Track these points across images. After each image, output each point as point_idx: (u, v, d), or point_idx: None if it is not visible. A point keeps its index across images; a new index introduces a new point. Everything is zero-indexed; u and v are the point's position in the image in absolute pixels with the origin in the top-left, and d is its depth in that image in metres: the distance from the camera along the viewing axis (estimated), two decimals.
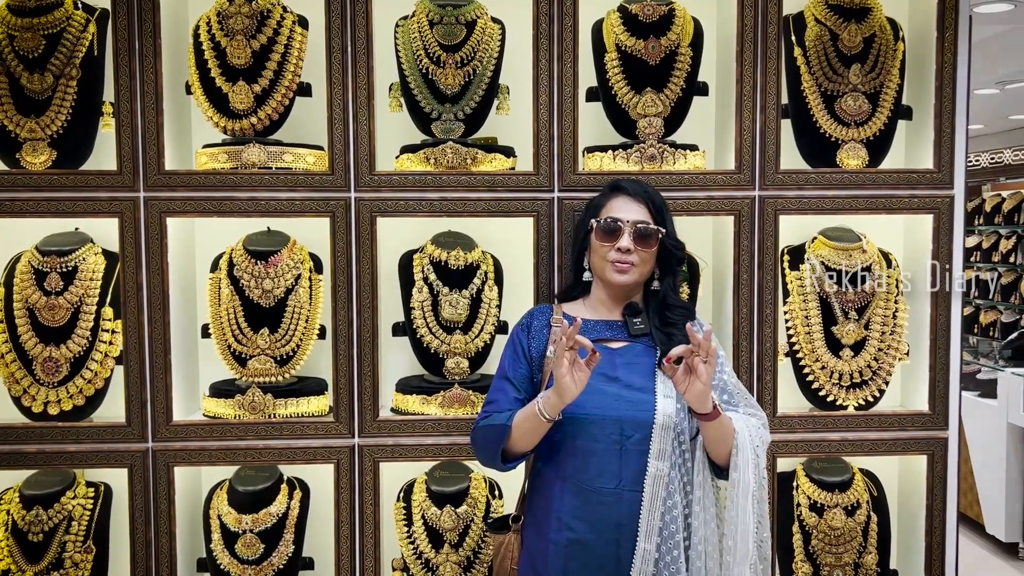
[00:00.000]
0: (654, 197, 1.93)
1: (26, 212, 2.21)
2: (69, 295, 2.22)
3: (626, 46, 2.25)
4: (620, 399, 1.79)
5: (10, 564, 2.21)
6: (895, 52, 2.33)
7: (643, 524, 1.75)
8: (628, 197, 1.92)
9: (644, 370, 1.84)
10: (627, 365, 1.84)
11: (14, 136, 2.22)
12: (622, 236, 1.86)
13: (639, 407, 1.78)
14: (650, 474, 1.75)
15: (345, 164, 2.24)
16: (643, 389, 1.81)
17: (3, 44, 2.20)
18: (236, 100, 2.22)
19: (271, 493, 2.28)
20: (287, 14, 2.26)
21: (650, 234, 1.88)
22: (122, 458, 2.24)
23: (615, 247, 1.87)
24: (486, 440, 1.84)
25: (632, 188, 1.94)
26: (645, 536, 1.74)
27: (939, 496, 2.36)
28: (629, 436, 1.77)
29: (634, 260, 1.86)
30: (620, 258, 1.86)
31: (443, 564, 2.24)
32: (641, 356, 1.86)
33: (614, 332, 1.90)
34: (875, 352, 2.33)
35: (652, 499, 1.75)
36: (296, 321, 2.27)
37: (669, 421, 1.77)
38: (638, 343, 1.88)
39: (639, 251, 1.87)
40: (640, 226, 1.87)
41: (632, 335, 1.88)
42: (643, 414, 1.78)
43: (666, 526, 1.76)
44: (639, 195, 1.92)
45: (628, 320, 1.90)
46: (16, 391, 2.24)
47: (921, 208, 2.32)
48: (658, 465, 1.75)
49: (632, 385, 1.82)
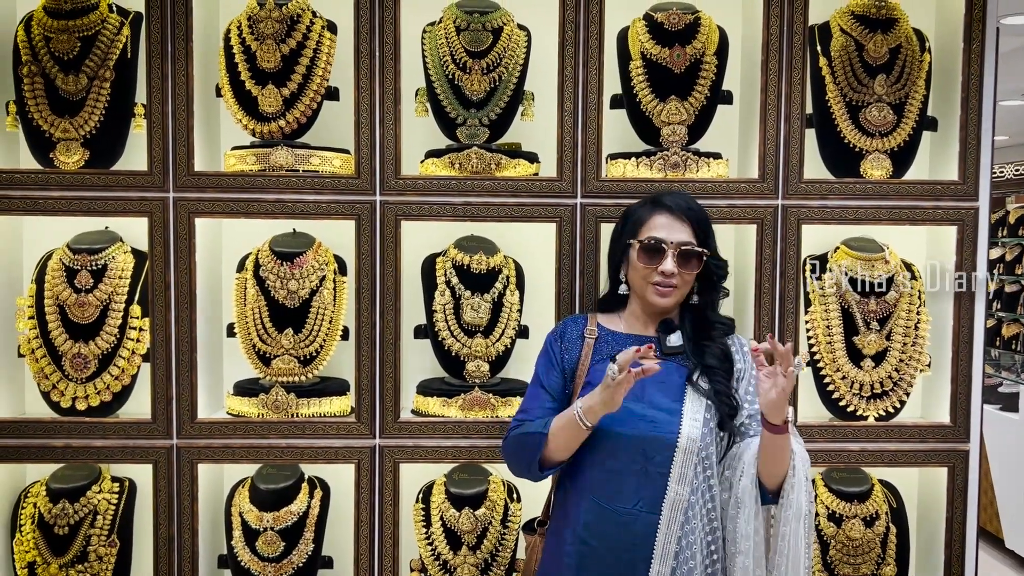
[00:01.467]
0: (699, 214, 1.86)
1: (59, 211, 2.25)
2: (99, 293, 2.26)
3: (651, 54, 2.27)
4: (645, 419, 1.76)
5: (36, 556, 2.25)
6: (921, 63, 2.32)
7: (658, 548, 1.72)
8: (671, 215, 1.85)
9: (673, 390, 1.79)
10: (657, 384, 1.78)
11: (48, 136, 2.26)
12: (665, 259, 1.80)
13: (663, 428, 1.74)
14: (669, 498, 1.72)
15: (371, 168, 2.26)
16: (670, 411, 1.77)
17: (39, 45, 2.24)
18: (265, 103, 2.26)
19: (292, 492, 2.31)
20: (316, 19, 2.29)
21: (693, 256, 1.82)
22: (147, 454, 2.28)
23: (657, 270, 1.81)
24: (521, 448, 1.82)
25: (676, 204, 1.86)
26: (660, 559, 1.71)
27: (959, 509, 2.35)
28: (651, 458, 1.74)
29: (676, 282, 1.81)
30: (663, 281, 1.81)
31: (461, 566, 2.25)
32: (672, 375, 1.81)
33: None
34: (896, 363, 2.32)
35: (669, 523, 1.72)
36: (320, 322, 2.30)
37: (693, 445, 1.73)
38: (671, 361, 1.83)
39: (682, 273, 1.81)
40: (684, 248, 1.81)
41: (665, 353, 1.83)
42: (667, 436, 1.74)
43: (682, 551, 1.72)
44: (683, 213, 1.85)
45: (661, 338, 1.85)
46: (45, 386, 2.28)
47: (945, 220, 2.32)
48: (678, 489, 1.72)
49: (659, 406, 1.77)
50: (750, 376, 1.83)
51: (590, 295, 2.28)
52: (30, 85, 2.25)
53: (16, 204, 2.25)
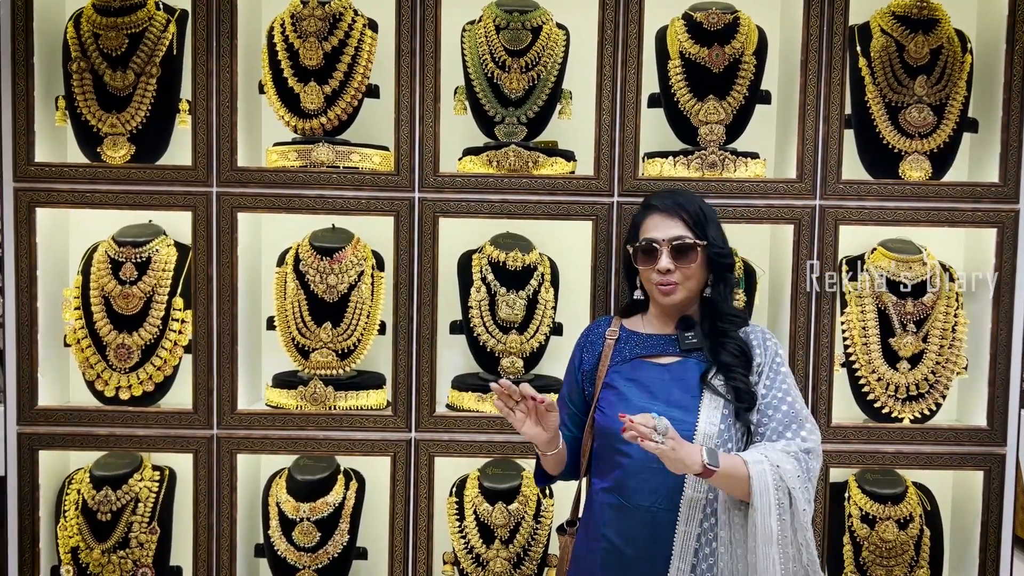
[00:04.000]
0: (687, 207, 1.85)
1: (105, 204, 2.30)
2: (143, 284, 2.31)
3: (690, 53, 2.27)
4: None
5: (80, 541, 2.31)
6: (962, 64, 2.31)
7: (677, 544, 1.73)
8: (661, 214, 1.85)
9: (691, 387, 1.79)
10: (674, 381, 1.80)
11: (96, 131, 2.31)
12: (660, 257, 1.82)
13: (680, 426, 1.71)
14: (686, 495, 1.72)
15: (410, 165, 2.29)
16: (686, 408, 1.77)
17: (88, 42, 2.29)
18: (307, 100, 2.29)
19: (328, 483, 2.35)
20: (358, 17, 2.32)
21: (687, 248, 1.82)
22: (188, 444, 2.32)
23: (655, 269, 1.83)
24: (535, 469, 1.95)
25: (663, 204, 1.86)
26: (679, 556, 1.72)
27: (995, 513, 2.33)
28: None
29: (676, 279, 1.82)
30: (662, 280, 1.82)
31: (493, 559, 2.27)
32: (690, 372, 1.81)
33: (666, 347, 1.86)
34: (933, 365, 2.31)
35: (688, 520, 1.73)
36: (358, 316, 2.33)
37: (710, 442, 1.72)
38: (690, 358, 1.83)
39: (680, 269, 1.81)
40: (676, 243, 1.82)
41: (683, 350, 1.84)
42: (683, 433, 1.70)
43: (701, 548, 1.73)
44: (671, 210, 1.84)
45: (680, 335, 1.86)
46: (90, 375, 2.33)
47: (985, 222, 2.30)
48: (695, 486, 1.72)
49: (676, 403, 1.77)
50: (768, 370, 1.80)
51: (625, 293, 2.29)
52: (79, 81, 2.30)
53: (64, 197, 2.30)
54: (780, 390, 1.78)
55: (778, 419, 1.74)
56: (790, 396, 1.77)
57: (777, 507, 1.65)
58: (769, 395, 1.77)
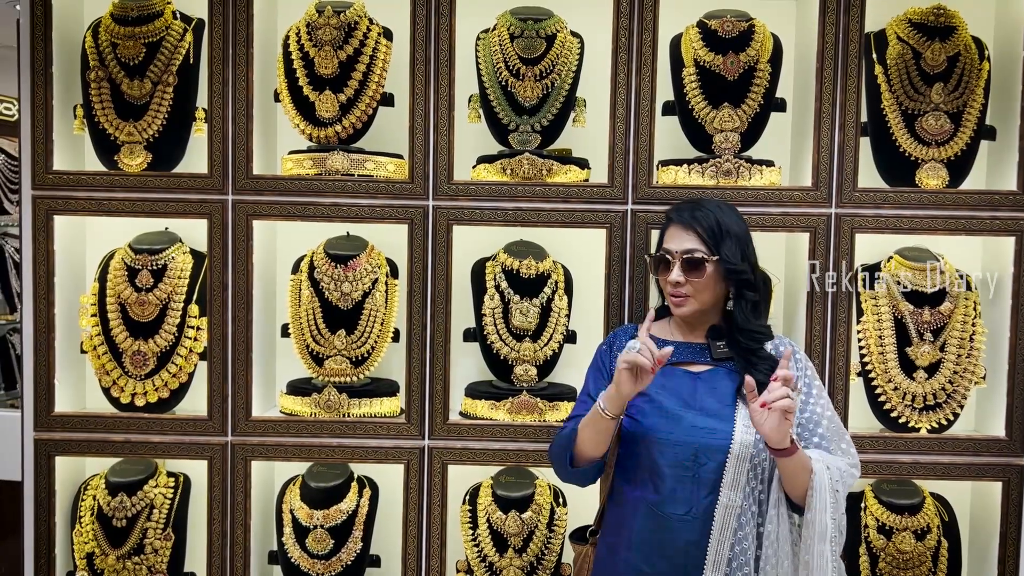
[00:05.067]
0: (702, 221, 1.82)
1: (122, 211, 2.32)
2: (158, 292, 2.32)
3: (705, 61, 2.27)
4: (696, 426, 1.76)
5: (95, 547, 2.32)
6: (980, 71, 2.29)
7: (711, 554, 1.72)
8: (679, 226, 1.85)
9: (725, 396, 1.79)
10: (708, 390, 1.80)
11: (113, 139, 2.33)
12: (672, 269, 1.82)
13: (715, 435, 1.74)
14: (721, 504, 1.72)
15: (424, 173, 2.29)
16: (721, 416, 1.76)
17: (106, 51, 2.31)
18: (322, 108, 2.30)
19: (342, 490, 2.35)
20: (373, 26, 2.33)
21: (697, 263, 1.81)
22: (202, 450, 2.33)
23: (668, 280, 1.84)
24: (559, 447, 1.84)
25: (680, 216, 1.86)
26: (712, 566, 1.72)
27: (1013, 524, 2.31)
28: (703, 464, 1.73)
29: (687, 291, 1.82)
30: (673, 291, 1.83)
31: (507, 568, 2.27)
32: (723, 381, 1.81)
33: (697, 355, 1.86)
34: (950, 375, 2.29)
35: (722, 529, 1.72)
36: (372, 324, 2.33)
37: (746, 452, 1.72)
38: (721, 367, 1.83)
39: (691, 282, 1.81)
40: (687, 256, 1.81)
41: (715, 359, 1.84)
42: (719, 442, 1.73)
43: (735, 557, 1.72)
44: (686, 223, 1.84)
45: (712, 344, 1.85)
46: (106, 382, 2.34)
47: (1003, 230, 2.28)
48: (730, 495, 1.72)
49: (710, 412, 1.77)
50: (804, 385, 1.82)
51: (639, 302, 2.28)
52: (97, 89, 2.32)
53: (81, 205, 2.32)
54: (820, 404, 1.82)
55: (820, 433, 1.79)
56: (829, 411, 1.83)
57: (832, 506, 1.69)
58: (808, 410, 1.80)
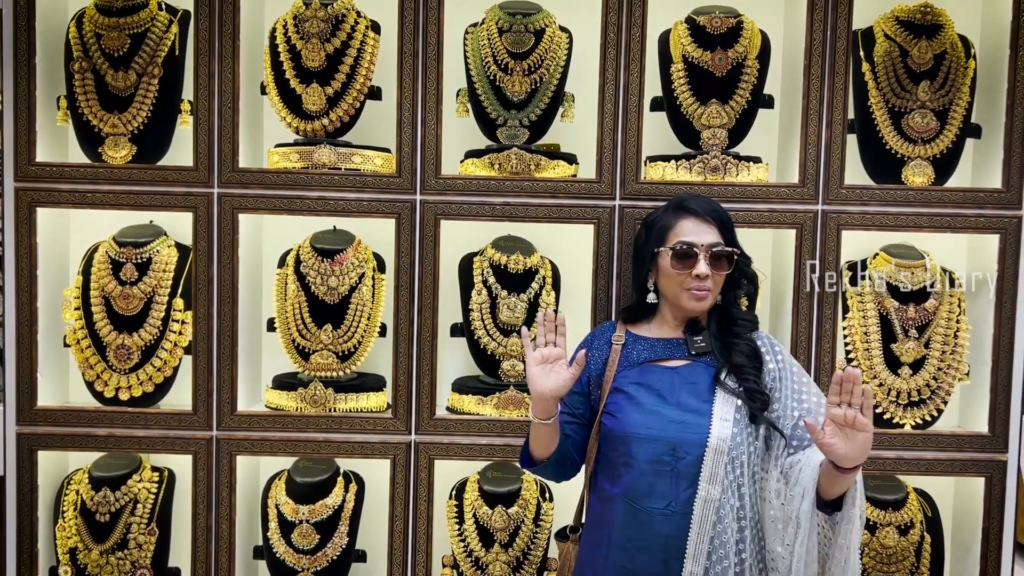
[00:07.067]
0: (722, 215, 1.87)
1: (106, 204, 2.30)
2: (143, 285, 2.31)
3: (693, 57, 2.27)
4: (674, 420, 1.77)
5: (78, 542, 2.30)
6: (966, 69, 2.31)
7: (690, 547, 1.73)
8: (697, 219, 1.84)
9: (702, 390, 1.80)
10: (686, 385, 1.81)
11: (97, 131, 2.31)
12: (698, 263, 1.81)
13: (693, 429, 1.75)
14: (700, 497, 1.72)
15: (412, 167, 2.29)
16: (699, 411, 1.77)
17: (90, 42, 2.29)
18: (309, 102, 2.29)
19: (328, 485, 2.34)
20: (361, 19, 2.31)
21: (722, 256, 1.83)
22: (187, 445, 2.32)
23: (691, 274, 1.81)
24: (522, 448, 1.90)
25: (701, 207, 1.86)
26: (692, 559, 1.72)
27: (996, 520, 2.32)
28: (681, 458, 1.74)
29: (709, 285, 1.82)
30: (698, 285, 1.81)
31: (493, 563, 2.27)
32: (701, 375, 1.82)
33: (674, 351, 1.87)
34: (935, 371, 2.30)
35: (701, 523, 1.73)
36: (358, 318, 2.32)
37: (723, 445, 1.73)
38: (699, 362, 1.84)
39: (714, 275, 1.82)
40: (715, 249, 1.82)
41: (693, 354, 1.85)
42: (696, 436, 1.74)
43: (715, 550, 1.73)
44: (709, 215, 1.85)
45: (689, 339, 1.86)
46: (90, 376, 2.33)
47: (987, 228, 2.29)
48: (709, 489, 1.72)
49: (688, 406, 1.78)
50: (791, 378, 1.82)
51: (627, 297, 2.28)
52: (81, 81, 2.30)
53: (64, 197, 2.30)
54: (811, 401, 1.81)
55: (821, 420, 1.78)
56: (823, 405, 1.79)
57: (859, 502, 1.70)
58: (803, 406, 1.79)
